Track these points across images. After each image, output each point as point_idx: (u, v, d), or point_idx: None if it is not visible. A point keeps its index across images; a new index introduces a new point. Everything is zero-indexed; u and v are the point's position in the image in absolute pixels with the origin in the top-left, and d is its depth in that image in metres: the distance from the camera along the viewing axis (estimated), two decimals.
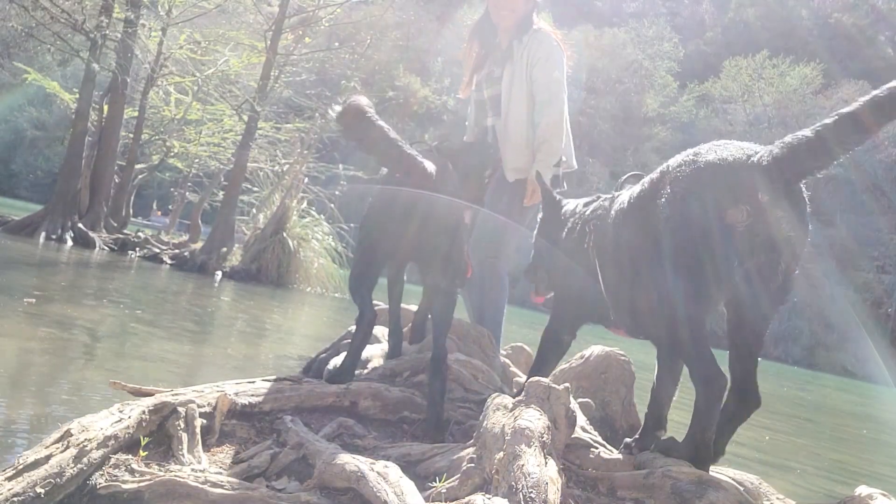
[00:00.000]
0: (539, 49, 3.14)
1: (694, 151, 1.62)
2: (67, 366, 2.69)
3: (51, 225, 10.72)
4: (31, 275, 5.99)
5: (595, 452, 1.70)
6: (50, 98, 22.12)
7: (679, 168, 1.61)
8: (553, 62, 3.12)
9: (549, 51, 3.14)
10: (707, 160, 1.55)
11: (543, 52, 3.13)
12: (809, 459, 4.41)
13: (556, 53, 3.16)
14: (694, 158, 1.59)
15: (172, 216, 18.28)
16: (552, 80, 3.10)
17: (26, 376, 2.45)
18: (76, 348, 3.03)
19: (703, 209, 1.52)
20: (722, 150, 1.57)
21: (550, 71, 3.10)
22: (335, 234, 10.72)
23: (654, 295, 1.65)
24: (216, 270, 9.77)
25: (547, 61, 3.12)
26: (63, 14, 12.09)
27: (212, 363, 3.37)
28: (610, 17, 57.36)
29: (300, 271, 10.10)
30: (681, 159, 1.64)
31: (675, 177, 1.60)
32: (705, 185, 1.53)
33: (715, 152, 1.56)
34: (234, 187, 11.39)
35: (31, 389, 2.29)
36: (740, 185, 1.49)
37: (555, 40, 3.21)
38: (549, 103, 3.09)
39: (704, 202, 1.52)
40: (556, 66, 3.12)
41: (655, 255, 1.63)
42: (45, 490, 1.22)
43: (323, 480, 1.35)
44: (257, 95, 11.45)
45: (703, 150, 1.60)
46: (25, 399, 2.17)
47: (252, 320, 5.79)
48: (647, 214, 1.67)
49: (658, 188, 1.66)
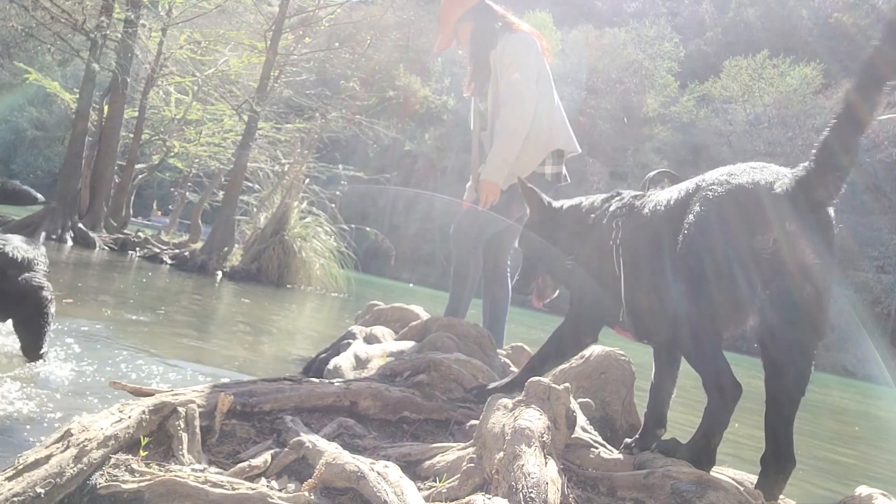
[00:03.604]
0: (503, 56, 3.20)
1: (729, 171, 1.62)
2: (67, 366, 2.69)
3: (51, 225, 10.73)
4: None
5: (595, 452, 1.70)
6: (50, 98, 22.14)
7: (712, 187, 1.61)
8: (514, 65, 3.15)
9: (511, 55, 3.17)
10: (739, 183, 1.56)
11: (507, 59, 3.18)
12: (809, 459, 4.41)
13: (519, 55, 3.17)
14: (728, 179, 1.59)
15: (172, 216, 18.31)
16: (509, 83, 3.13)
17: (26, 376, 2.45)
18: (76, 348, 3.03)
19: (730, 231, 1.53)
20: (756, 173, 1.57)
21: (510, 75, 3.14)
22: (338, 233, 10.72)
23: (673, 303, 1.64)
24: (216, 270, 9.77)
25: (508, 67, 3.16)
26: (63, 14, 12.10)
27: (212, 363, 3.37)
28: (610, 17, 57.35)
29: (301, 271, 10.10)
30: (715, 177, 1.64)
31: (705, 196, 1.61)
32: (734, 208, 1.54)
33: (749, 175, 1.57)
34: (235, 187, 11.39)
35: (31, 389, 2.29)
36: (768, 212, 1.50)
37: (521, 39, 3.22)
38: (504, 105, 3.12)
39: (732, 225, 1.53)
40: (517, 68, 3.14)
41: (681, 265, 1.62)
42: (45, 490, 1.22)
43: (323, 480, 1.35)
44: (257, 95, 11.46)
45: (737, 172, 1.61)
46: (25, 399, 2.18)
47: (252, 320, 5.79)
48: (675, 224, 1.68)
49: (689, 202, 1.66)
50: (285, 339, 5.10)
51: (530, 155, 3.20)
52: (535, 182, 3.22)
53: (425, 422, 1.99)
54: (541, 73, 3.23)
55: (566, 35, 49.52)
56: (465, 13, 3.33)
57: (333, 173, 12.16)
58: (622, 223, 1.91)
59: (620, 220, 1.92)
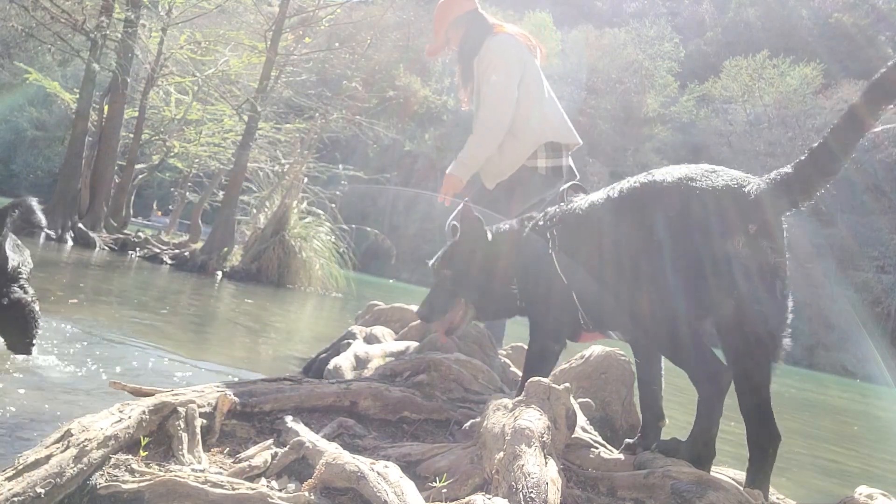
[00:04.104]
0: (482, 60, 3.25)
1: (687, 176, 1.65)
2: (67, 365, 2.69)
3: (51, 225, 10.72)
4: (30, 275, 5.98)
5: (595, 452, 1.70)
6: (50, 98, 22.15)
7: (673, 189, 1.64)
8: (492, 67, 3.19)
9: (490, 58, 3.22)
10: (705, 187, 1.60)
11: (485, 62, 3.22)
12: (809, 459, 4.41)
13: (497, 57, 3.21)
14: (690, 184, 1.62)
15: (173, 216, 18.30)
16: (488, 85, 3.17)
17: (26, 376, 2.45)
18: (76, 348, 3.03)
19: (701, 231, 1.58)
20: (716, 178, 1.62)
21: (487, 77, 3.18)
22: (338, 233, 10.72)
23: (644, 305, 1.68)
24: (216, 270, 9.77)
25: (485, 71, 3.20)
26: (63, 14, 12.10)
27: (212, 363, 3.37)
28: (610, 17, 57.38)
29: (301, 271, 10.10)
30: (675, 176, 1.67)
31: (670, 202, 1.63)
32: (704, 208, 1.59)
33: (710, 180, 1.62)
34: (235, 187, 11.39)
35: (31, 389, 2.29)
36: (737, 214, 1.56)
37: (500, 41, 3.25)
38: (482, 106, 3.16)
39: (704, 224, 1.58)
40: (494, 70, 3.18)
41: (646, 265, 1.66)
42: (45, 490, 1.22)
43: (323, 480, 1.35)
44: (257, 95, 11.45)
45: (696, 176, 1.64)
46: (25, 399, 2.18)
47: (252, 320, 5.79)
48: (627, 220, 1.72)
49: (643, 199, 1.70)
50: (285, 339, 5.10)
51: (517, 150, 3.22)
52: (528, 176, 3.24)
53: (425, 422, 1.99)
54: (526, 69, 3.24)
55: (566, 35, 49.56)
56: (458, 18, 3.35)
57: (333, 173, 12.16)
58: (557, 231, 1.94)
59: (555, 229, 1.95)
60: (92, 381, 2.55)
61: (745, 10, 55.14)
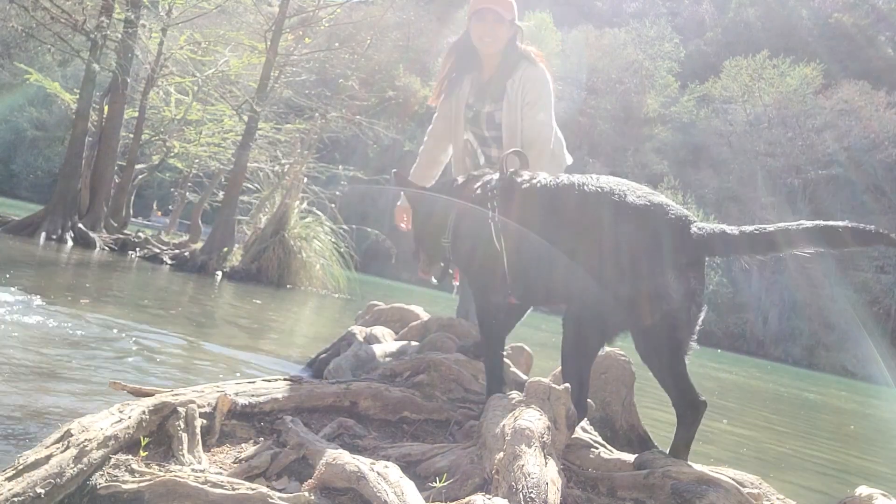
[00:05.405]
0: (532, 90, 3.15)
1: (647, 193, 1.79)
2: (67, 365, 2.69)
3: (51, 225, 10.72)
4: (31, 275, 5.99)
5: (595, 452, 1.70)
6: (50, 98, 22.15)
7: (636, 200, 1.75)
8: (541, 104, 3.14)
9: (539, 91, 3.15)
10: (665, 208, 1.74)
11: (534, 94, 3.14)
12: (809, 459, 4.41)
13: (545, 93, 3.16)
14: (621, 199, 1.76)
15: (173, 216, 18.29)
16: (535, 123, 3.13)
17: (27, 376, 2.45)
18: (76, 348, 3.03)
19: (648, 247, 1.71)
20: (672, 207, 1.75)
21: (535, 114, 3.12)
22: (339, 233, 10.71)
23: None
24: (216, 271, 9.77)
25: (535, 105, 3.13)
26: (63, 14, 12.09)
27: (212, 363, 3.37)
28: (610, 17, 57.39)
29: (301, 271, 10.10)
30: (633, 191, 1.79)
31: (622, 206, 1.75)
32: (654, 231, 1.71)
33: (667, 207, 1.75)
34: (235, 187, 11.38)
35: (31, 389, 2.29)
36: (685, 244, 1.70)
37: (545, 77, 3.20)
38: (530, 146, 3.08)
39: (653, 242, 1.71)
40: (543, 108, 3.13)
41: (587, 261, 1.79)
42: (45, 490, 1.22)
43: (323, 480, 1.35)
44: (257, 96, 11.45)
45: (628, 193, 1.77)
46: (26, 399, 2.18)
47: (252, 320, 5.80)
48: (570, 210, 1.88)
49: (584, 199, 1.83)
50: (285, 339, 5.10)
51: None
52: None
53: (425, 422, 2.00)
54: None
55: (566, 35, 49.51)
56: (512, 21, 3.26)
57: (333, 173, 12.15)
58: (499, 202, 2.05)
59: (497, 200, 2.05)
60: (92, 381, 2.55)
61: (745, 10, 55.16)
